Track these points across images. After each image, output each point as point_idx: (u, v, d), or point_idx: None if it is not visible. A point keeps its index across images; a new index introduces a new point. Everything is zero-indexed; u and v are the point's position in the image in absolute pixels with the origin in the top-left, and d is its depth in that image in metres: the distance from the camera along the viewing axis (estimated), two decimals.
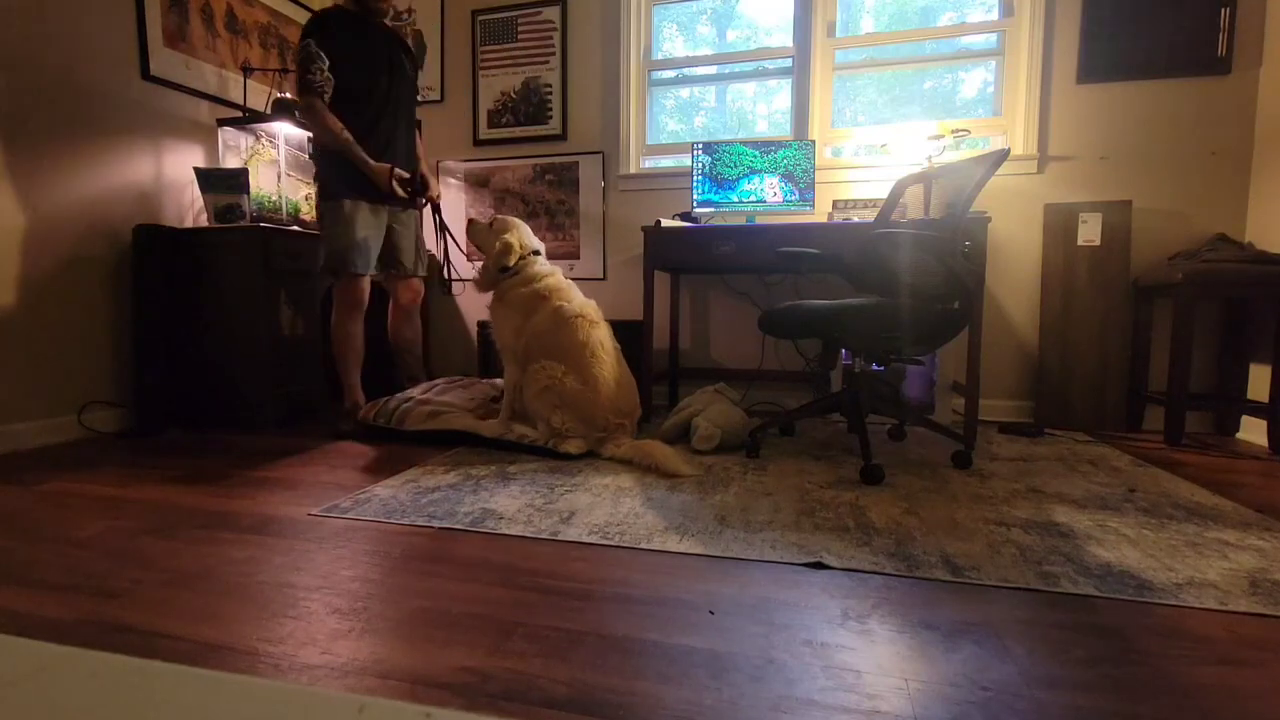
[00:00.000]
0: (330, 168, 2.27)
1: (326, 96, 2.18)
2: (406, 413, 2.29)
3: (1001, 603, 1.07)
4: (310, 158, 2.28)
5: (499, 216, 2.38)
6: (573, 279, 2.37)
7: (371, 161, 2.24)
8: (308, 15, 3.29)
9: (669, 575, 1.18)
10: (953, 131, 2.61)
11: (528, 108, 3.26)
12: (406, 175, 2.34)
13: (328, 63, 2.18)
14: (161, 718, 0.42)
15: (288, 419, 2.60)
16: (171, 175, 2.64)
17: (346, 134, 2.19)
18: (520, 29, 3.24)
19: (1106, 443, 2.35)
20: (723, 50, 3.19)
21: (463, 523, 1.43)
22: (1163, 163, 2.60)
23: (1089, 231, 2.60)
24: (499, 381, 2.47)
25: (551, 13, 3.19)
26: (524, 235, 2.32)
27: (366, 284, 2.35)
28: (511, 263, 2.24)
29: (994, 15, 2.82)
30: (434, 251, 2.72)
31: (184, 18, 2.68)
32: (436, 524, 1.43)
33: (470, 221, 2.42)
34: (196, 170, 2.58)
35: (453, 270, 2.61)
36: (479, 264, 2.38)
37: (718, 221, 2.79)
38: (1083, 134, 2.66)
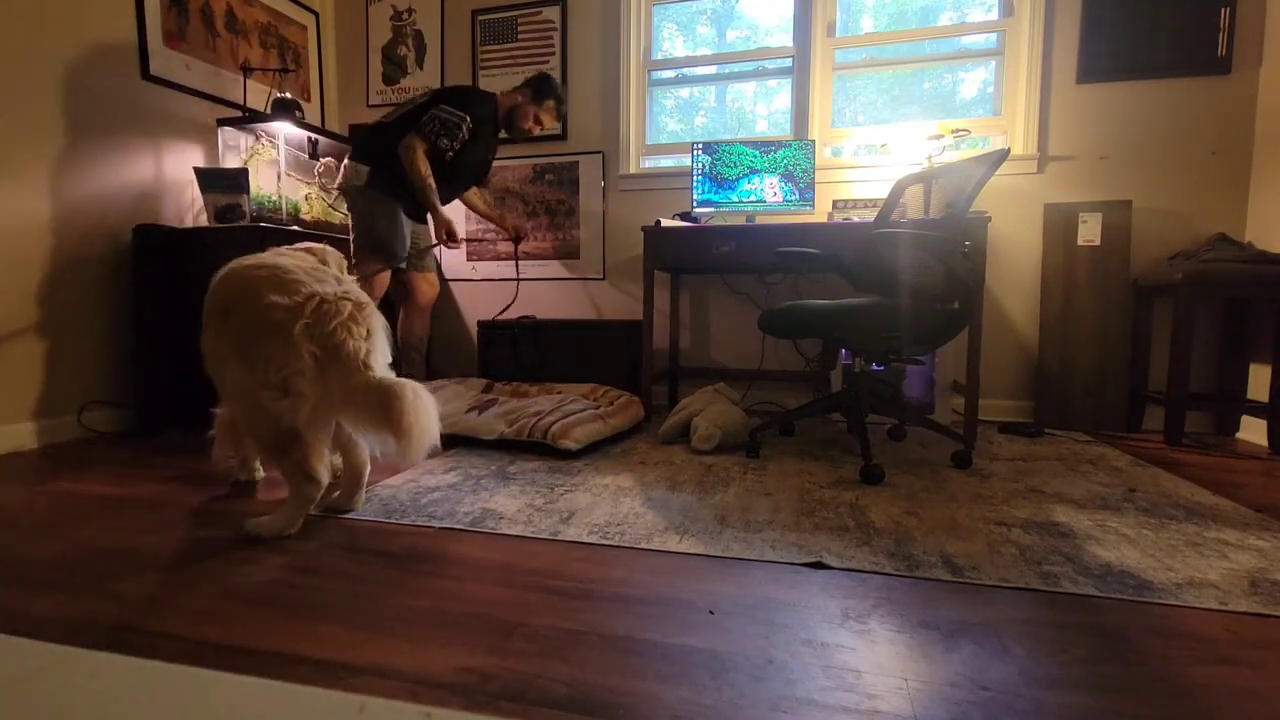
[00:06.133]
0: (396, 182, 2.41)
1: (428, 151, 2.33)
2: None
3: (1001, 603, 1.07)
4: (369, 169, 2.40)
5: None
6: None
7: (441, 208, 2.42)
8: (308, 15, 3.32)
9: (669, 575, 1.18)
10: (953, 131, 2.61)
11: None
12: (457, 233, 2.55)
13: (460, 145, 2.38)
14: (161, 718, 0.42)
15: None
16: (171, 175, 2.65)
17: (431, 181, 2.36)
18: (520, 29, 3.24)
19: (1106, 443, 2.35)
20: (723, 50, 3.19)
21: (463, 523, 1.43)
22: (1163, 163, 2.59)
23: (1089, 231, 2.60)
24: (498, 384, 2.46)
25: (551, 13, 3.19)
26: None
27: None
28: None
29: (994, 15, 2.82)
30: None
31: (184, 18, 2.68)
32: (436, 524, 1.43)
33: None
34: (196, 170, 2.57)
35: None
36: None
37: (717, 221, 2.79)
38: (1083, 134, 2.66)
